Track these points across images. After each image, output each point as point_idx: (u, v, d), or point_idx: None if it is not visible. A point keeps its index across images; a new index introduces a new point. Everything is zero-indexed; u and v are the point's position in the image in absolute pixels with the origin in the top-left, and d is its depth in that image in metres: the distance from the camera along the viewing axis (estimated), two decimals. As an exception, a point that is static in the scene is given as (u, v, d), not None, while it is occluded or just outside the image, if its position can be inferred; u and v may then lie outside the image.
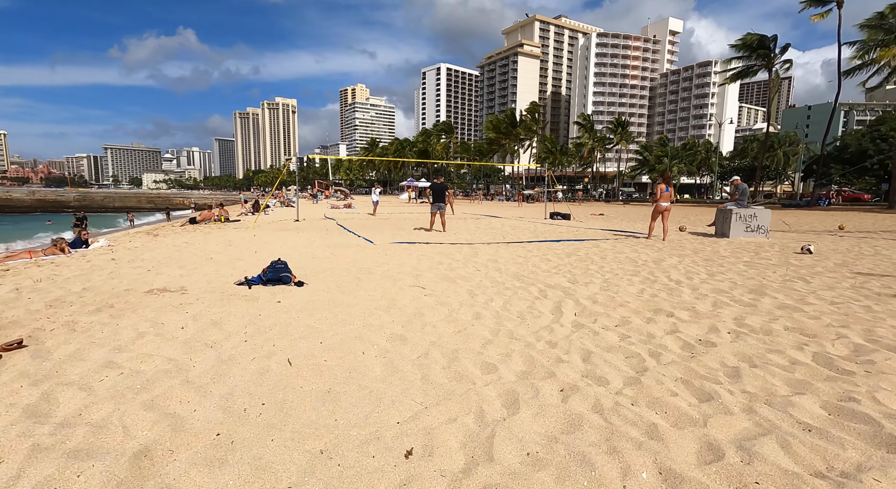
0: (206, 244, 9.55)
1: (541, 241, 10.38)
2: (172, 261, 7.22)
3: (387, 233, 12.20)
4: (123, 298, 4.57)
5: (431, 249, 8.64)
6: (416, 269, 6.39)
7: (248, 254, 8.00)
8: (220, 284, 5.31)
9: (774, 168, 67.60)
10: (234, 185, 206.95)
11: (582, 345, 3.20)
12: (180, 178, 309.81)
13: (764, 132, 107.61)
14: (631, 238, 11.07)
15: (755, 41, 31.15)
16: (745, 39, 31.28)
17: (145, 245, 9.78)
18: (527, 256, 7.77)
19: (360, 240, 10.41)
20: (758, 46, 31.37)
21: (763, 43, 31.27)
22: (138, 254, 8.06)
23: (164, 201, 65.61)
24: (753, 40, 31.07)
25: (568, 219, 19.18)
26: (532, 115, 61.44)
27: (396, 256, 7.66)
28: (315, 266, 6.66)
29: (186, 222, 16.96)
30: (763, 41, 31.19)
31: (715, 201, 59.55)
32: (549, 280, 5.61)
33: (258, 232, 12.50)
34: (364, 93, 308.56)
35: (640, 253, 8.21)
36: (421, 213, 22.69)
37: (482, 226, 15.29)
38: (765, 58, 31.94)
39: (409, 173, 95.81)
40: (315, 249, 8.61)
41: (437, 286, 5.25)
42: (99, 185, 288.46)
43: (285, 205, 34.79)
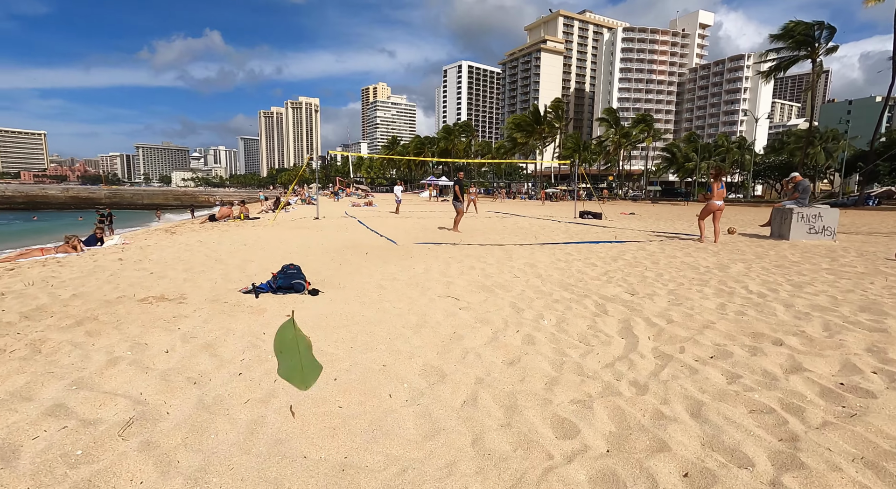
0: (219, 244, 9.01)
1: (578, 242, 9.48)
2: (180, 262, 6.65)
3: (410, 232, 11.49)
4: (112, 308, 3.95)
5: (459, 251, 7.87)
6: (446, 275, 5.63)
7: (260, 255, 7.38)
8: (225, 291, 4.66)
9: (813, 165, 64.27)
10: (258, 182, 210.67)
11: (682, 389, 2.38)
12: (207, 176, 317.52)
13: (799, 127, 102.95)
14: (676, 240, 10.06)
15: (799, 29, 29.21)
16: (787, 27, 29.36)
17: (158, 243, 9.31)
18: (567, 260, 6.92)
19: (382, 239, 9.71)
20: (801, 34, 29.42)
21: (807, 31, 29.31)
22: (147, 254, 7.55)
23: (189, 198, 66.76)
24: (797, 28, 29.15)
25: (599, 218, 18.12)
26: (556, 111, 59.92)
27: (422, 259, 6.92)
28: (332, 268, 5.97)
29: (206, 220, 16.64)
30: (807, 29, 29.24)
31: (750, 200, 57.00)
32: (602, 290, 4.77)
33: (276, 230, 11.96)
34: (385, 91, 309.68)
35: (695, 257, 7.25)
36: (444, 212, 21.94)
37: (509, 225, 14.43)
38: (808, 47, 29.95)
39: (430, 171, 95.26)
40: (334, 250, 7.95)
41: (473, 297, 4.48)
42: (131, 182, 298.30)
43: (306, 202, 34.60)
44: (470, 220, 15.96)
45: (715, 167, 9.61)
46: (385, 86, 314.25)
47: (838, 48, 29.09)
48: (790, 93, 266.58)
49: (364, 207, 28.43)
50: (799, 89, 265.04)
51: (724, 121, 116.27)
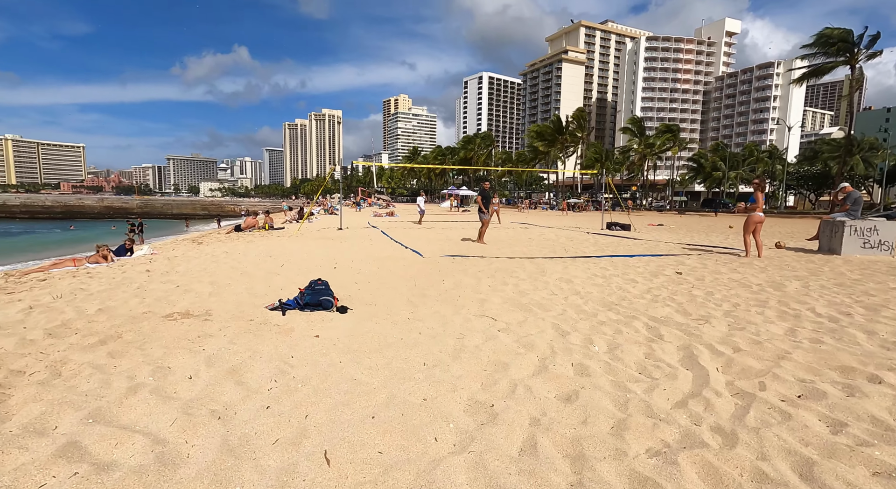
0: (244, 255, 8.94)
1: (611, 255, 9.06)
2: (206, 274, 6.55)
3: (435, 244, 11.25)
4: (137, 325, 3.80)
5: (488, 265, 7.57)
6: (478, 291, 5.34)
7: (287, 266, 7.24)
8: (251, 307, 4.47)
9: (851, 175, 61.68)
10: (281, 193, 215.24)
11: (779, 439, 2.02)
12: (233, 186, 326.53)
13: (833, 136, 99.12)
14: (715, 254, 9.52)
15: (835, 36, 28.14)
16: (823, 34, 28.33)
17: (185, 254, 9.32)
18: (605, 276, 6.53)
19: (407, 251, 9.49)
20: (838, 41, 28.32)
21: (844, 37, 28.21)
22: (174, 266, 7.50)
23: (216, 208, 68.43)
24: (833, 35, 28.08)
25: (628, 229, 17.55)
26: (578, 121, 59.31)
27: (451, 273, 6.64)
28: (361, 283, 5.75)
29: (232, 230, 16.80)
30: (844, 35, 28.14)
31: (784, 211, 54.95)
32: (651, 311, 4.39)
33: (301, 241, 11.90)
34: (406, 103, 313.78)
35: (742, 274, 6.77)
36: (467, 223, 21.69)
37: (535, 236, 14.06)
38: (846, 53, 28.81)
39: (451, 181, 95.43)
40: (360, 262, 7.76)
41: (511, 316, 4.17)
42: (161, 192, 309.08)
43: (329, 212, 34.90)
44: (494, 231, 15.64)
45: (758, 177, 8.97)
46: (406, 97, 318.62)
47: (882, 53, 27.86)
48: (822, 100, 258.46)
49: (386, 218, 28.43)
50: (832, 97, 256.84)
51: (753, 129, 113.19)
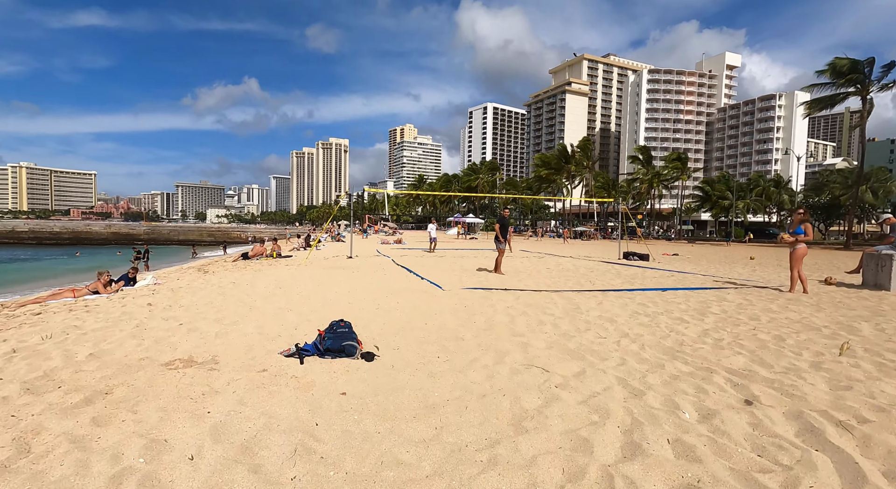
0: (252, 286, 8.42)
1: (643, 289, 8.47)
2: (212, 309, 6.02)
3: (451, 275, 10.70)
4: (131, 376, 3.25)
5: (516, 300, 7.00)
6: (516, 332, 4.76)
7: (299, 300, 6.70)
8: (263, 353, 3.92)
9: (860, 205, 61.18)
10: (287, 219, 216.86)
11: None
12: (240, 213, 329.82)
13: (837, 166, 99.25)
14: (754, 289, 8.91)
15: (846, 66, 28.24)
16: (833, 64, 28.44)
17: (190, 285, 8.82)
18: (648, 314, 5.94)
19: (424, 283, 8.95)
20: (849, 72, 28.40)
21: (855, 67, 28.30)
22: (178, 298, 6.99)
23: (222, 235, 68.52)
24: (844, 65, 28.18)
25: (646, 259, 16.94)
26: (584, 150, 59.66)
27: (479, 309, 6.07)
28: (382, 322, 5.20)
29: (239, 257, 16.37)
30: (855, 65, 28.24)
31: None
32: (723, 360, 3.80)
33: (310, 270, 11.39)
34: (412, 132, 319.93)
35: (800, 313, 6.16)
36: (478, 251, 21.18)
37: (552, 266, 13.50)
38: (858, 83, 28.84)
39: (456, 208, 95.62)
40: (377, 295, 7.21)
41: (564, 367, 3.58)
42: (169, 219, 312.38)
43: (336, 240, 34.57)
44: (508, 261, 15.09)
45: (803, 207, 8.40)
46: (412, 127, 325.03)
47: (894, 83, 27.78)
48: (824, 132, 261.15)
49: (394, 245, 28.02)
50: (833, 128, 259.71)
51: (757, 159, 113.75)
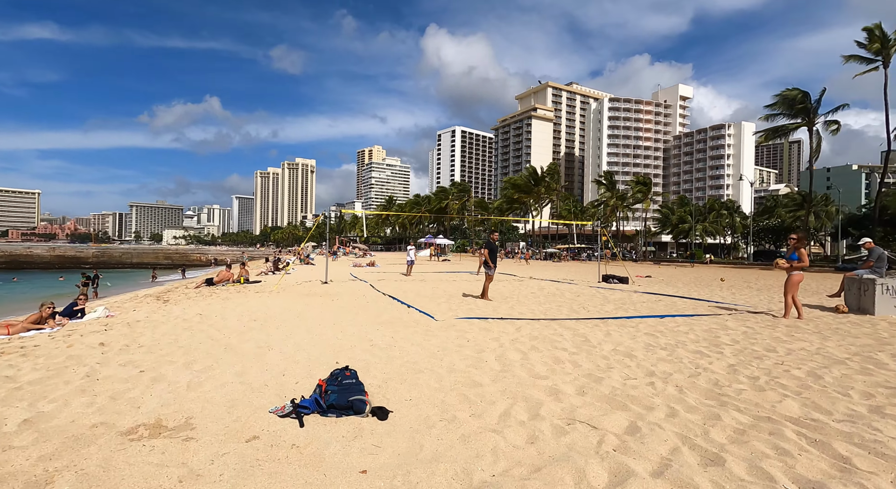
0: (223, 318, 7.57)
1: (642, 316, 8.20)
2: (178, 349, 5.21)
3: (438, 302, 10.14)
4: (80, 453, 2.52)
5: (517, 331, 6.53)
6: (536, 374, 4.26)
7: (280, 336, 5.96)
8: (250, 411, 3.23)
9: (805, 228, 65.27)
10: (250, 240, 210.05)
11: None
12: (199, 234, 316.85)
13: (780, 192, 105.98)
14: (748, 314, 8.83)
15: (796, 97, 30.27)
16: (785, 95, 30.44)
17: (150, 318, 7.85)
18: (662, 346, 5.59)
19: (413, 312, 8.34)
20: (798, 103, 30.44)
21: (802, 100, 30.39)
22: (136, 335, 6.09)
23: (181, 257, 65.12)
24: (794, 96, 30.20)
25: (626, 282, 16.97)
26: (551, 174, 61.14)
27: (484, 344, 5.55)
28: (383, 364, 4.58)
29: (202, 283, 15.19)
30: (802, 98, 30.32)
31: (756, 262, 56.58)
32: (778, 406, 3.43)
33: (285, 298, 10.55)
34: (380, 153, 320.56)
35: (811, 342, 5.99)
36: (457, 274, 20.68)
37: (536, 291, 13.16)
38: (805, 115, 30.91)
39: (426, 230, 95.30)
40: (367, 329, 6.55)
41: (611, 421, 3.10)
42: (121, 240, 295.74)
43: (304, 262, 33.27)
44: (496, 285, 14.67)
45: (797, 232, 8.39)
46: (380, 148, 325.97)
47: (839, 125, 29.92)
48: (767, 160, 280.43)
49: (367, 268, 27.16)
50: (775, 156, 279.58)
51: (711, 185, 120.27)
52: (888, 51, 27.01)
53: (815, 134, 31.82)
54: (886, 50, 27.07)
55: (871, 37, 27.49)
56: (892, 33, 26.98)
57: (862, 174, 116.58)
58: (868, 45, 27.79)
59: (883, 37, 27.18)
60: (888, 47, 27.01)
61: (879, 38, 26.96)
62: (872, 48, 27.56)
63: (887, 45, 26.95)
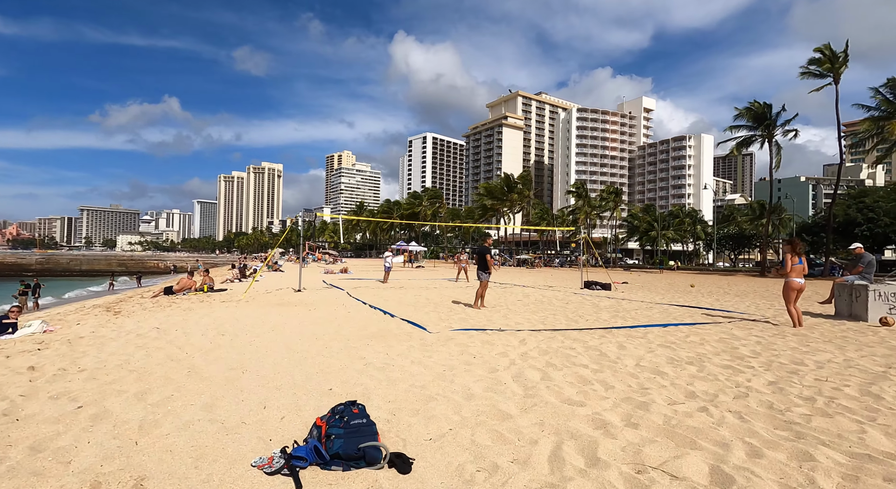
0: (185, 333, 6.60)
1: (645, 326, 7.76)
2: (129, 374, 4.29)
3: (426, 311, 9.42)
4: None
5: (523, 343, 5.92)
6: (568, 399, 3.64)
7: (255, 355, 5.11)
8: (225, 464, 2.45)
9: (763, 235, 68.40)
10: (213, 246, 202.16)
11: None
12: (157, 239, 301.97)
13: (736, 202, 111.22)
14: (747, 322, 8.58)
15: (760, 110, 31.48)
16: (752, 106, 31.59)
17: (97, 333, 6.77)
18: (685, 359, 5.10)
19: (402, 323, 7.60)
20: (761, 115, 31.66)
21: (764, 112, 31.64)
22: (77, 356, 5.09)
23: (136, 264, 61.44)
24: (758, 109, 31.40)
25: (608, 289, 16.75)
26: (525, 181, 61.61)
27: (493, 361, 4.89)
28: (385, 390, 3.84)
29: (160, 292, 13.87)
30: (765, 110, 31.58)
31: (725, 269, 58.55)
32: (868, 439, 2.94)
33: (256, 308, 9.56)
34: (350, 159, 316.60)
35: (832, 353, 5.67)
36: (436, 281, 19.96)
37: (521, 298, 12.66)
38: (767, 128, 32.18)
39: (396, 236, 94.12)
40: (355, 343, 5.77)
41: (691, 467, 2.50)
42: (70, 246, 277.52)
43: (273, 269, 31.71)
44: (468, 291, 14.07)
45: (790, 239, 8.14)
46: (350, 153, 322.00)
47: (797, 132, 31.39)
48: (723, 171, 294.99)
49: (340, 275, 26.06)
50: (729, 168, 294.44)
51: (673, 193, 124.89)
52: (837, 69, 28.52)
53: (775, 145, 33.19)
54: (836, 69, 28.57)
55: (822, 57, 29.00)
56: (841, 52, 28.49)
57: (809, 185, 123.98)
58: (820, 64, 29.28)
59: (832, 56, 28.70)
60: (837, 66, 28.52)
61: (829, 57, 28.47)
62: (823, 67, 29.06)
63: (836, 63, 28.45)
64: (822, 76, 29.29)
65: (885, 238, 44.72)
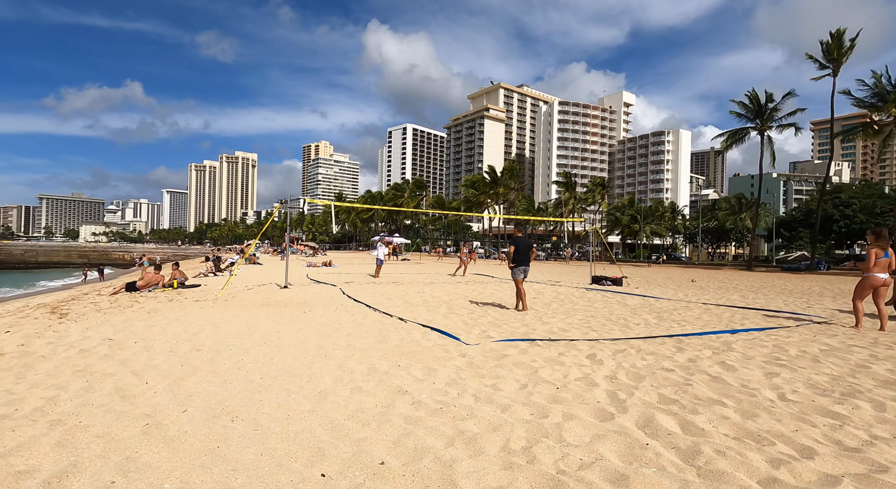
0: (147, 348, 4.98)
1: (713, 332, 6.54)
2: (48, 434, 2.71)
3: (443, 313, 7.99)
4: None
5: (597, 362, 4.57)
6: (761, 475, 2.30)
7: (246, 388, 3.58)
8: None
9: (738, 230, 69.59)
10: (184, 237, 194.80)
11: None
12: (124, 230, 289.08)
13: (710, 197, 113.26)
14: (815, 325, 7.49)
15: (757, 102, 31.04)
16: (752, 96, 31.14)
17: (25, 347, 5.08)
18: (823, 388, 3.86)
19: (426, 331, 6.15)
20: (757, 108, 31.26)
21: (759, 104, 31.23)
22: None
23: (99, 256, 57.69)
24: (756, 101, 30.96)
25: (620, 284, 15.67)
26: (511, 172, 60.54)
27: (587, 394, 3.51)
28: (469, 458, 2.41)
29: (121, 288, 11.98)
30: (759, 103, 31.17)
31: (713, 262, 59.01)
32: None
33: (236, 310, 7.92)
34: (328, 149, 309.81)
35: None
36: (430, 274, 18.49)
37: (538, 296, 11.35)
38: (758, 119, 31.80)
39: (378, 229, 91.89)
40: (383, 366, 4.29)
41: None
42: (27, 237, 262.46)
43: (250, 262, 29.62)
44: (469, 287, 12.71)
45: (877, 229, 6.93)
46: (327, 144, 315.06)
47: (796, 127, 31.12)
48: (695, 167, 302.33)
49: (323, 268, 24.32)
50: (702, 163, 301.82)
51: (652, 188, 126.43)
52: (839, 60, 28.30)
53: (768, 138, 32.95)
54: (838, 60, 28.33)
55: (826, 49, 28.75)
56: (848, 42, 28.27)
57: (780, 181, 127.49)
58: (828, 52, 29.00)
59: (838, 46, 28.45)
60: (840, 57, 28.29)
61: (835, 46, 28.22)
62: (828, 57, 28.82)
63: (840, 54, 28.22)
64: (823, 67, 29.02)
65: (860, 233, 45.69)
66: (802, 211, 58.52)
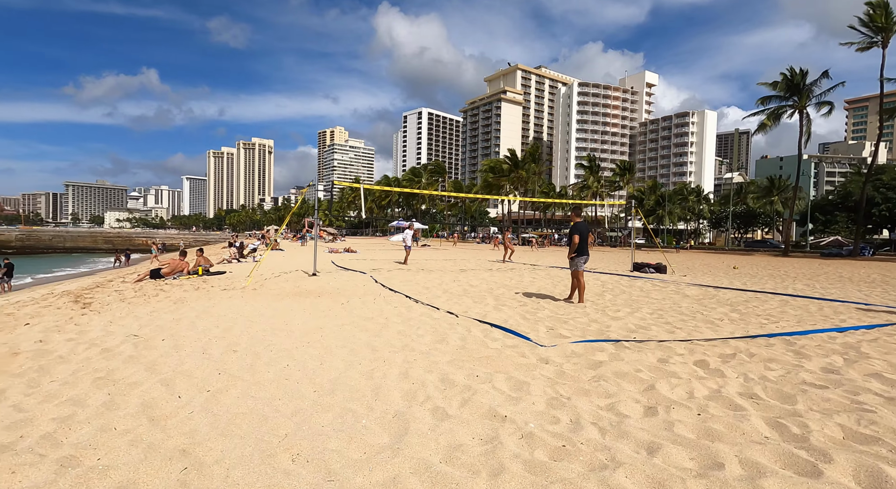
0: (176, 347, 4.32)
1: (821, 330, 5.64)
2: (56, 482, 2.04)
3: (495, 305, 7.22)
4: None
5: (710, 370, 3.75)
6: None
7: (298, 405, 2.86)
8: None
9: (772, 214, 66.91)
10: (204, 224, 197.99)
11: None
12: (146, 216, 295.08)
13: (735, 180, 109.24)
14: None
15: (796, 78, 28.95)
16: (790, 72, 29.02)
17: (44, 343, 4.48)
18: None
19: (487, 329, 5.38)
20: (796, 85, 29.14)
21: (798, 80, 29.10)
22: (4, 388, 2.82)
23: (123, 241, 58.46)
24: (793, 77, 28.85)
25: (664, 272, 14.67)
26: (533, 155, 58.93)
27: (748, 429, 2.72)
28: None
29: (146, 275, 11.51)
30: (799, 78, 29.04)
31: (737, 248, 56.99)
32: None
33: (270, 301, 7.27)
34: (343, 135, 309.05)
35: None
36: (457, 260, 17.72)
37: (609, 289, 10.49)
38: (795, 96, 29.65)
39: (395, 215, 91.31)
40: (470, 384, 3.54)
41: None
42: (56, 223, 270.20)
43: (272, 248, 29.31)
44: (508, 275, 11.89)
45: None
46: (343, 129, 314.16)
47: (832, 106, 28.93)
48: (718, 150, 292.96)
49: (345, 254, 23.79)
50: (726, 146, 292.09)
51: (675, 171, 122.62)
52: (889, 30, 25.97)
53: (805, 116, 30.83)
54: (889, 26, 25.98)
55: (873, 15, 26.36)
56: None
57: (812, 163, 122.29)
58: (870, 23, 26.66)
59: (887, 16, 26.08)
60: (890, 26, 25.93)
61: (882, 15, 25.84)
62: (874, 26, 26.47)
63: (890, 23, 25.85)
64: (868, 38, 26.72)
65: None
66: (840, 194, 55.64)
